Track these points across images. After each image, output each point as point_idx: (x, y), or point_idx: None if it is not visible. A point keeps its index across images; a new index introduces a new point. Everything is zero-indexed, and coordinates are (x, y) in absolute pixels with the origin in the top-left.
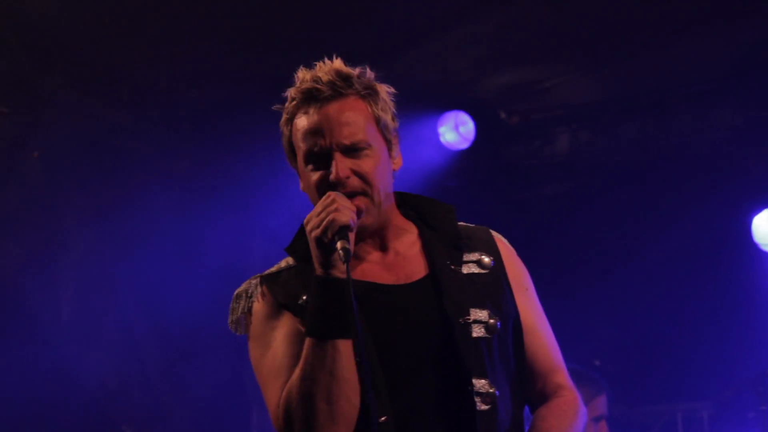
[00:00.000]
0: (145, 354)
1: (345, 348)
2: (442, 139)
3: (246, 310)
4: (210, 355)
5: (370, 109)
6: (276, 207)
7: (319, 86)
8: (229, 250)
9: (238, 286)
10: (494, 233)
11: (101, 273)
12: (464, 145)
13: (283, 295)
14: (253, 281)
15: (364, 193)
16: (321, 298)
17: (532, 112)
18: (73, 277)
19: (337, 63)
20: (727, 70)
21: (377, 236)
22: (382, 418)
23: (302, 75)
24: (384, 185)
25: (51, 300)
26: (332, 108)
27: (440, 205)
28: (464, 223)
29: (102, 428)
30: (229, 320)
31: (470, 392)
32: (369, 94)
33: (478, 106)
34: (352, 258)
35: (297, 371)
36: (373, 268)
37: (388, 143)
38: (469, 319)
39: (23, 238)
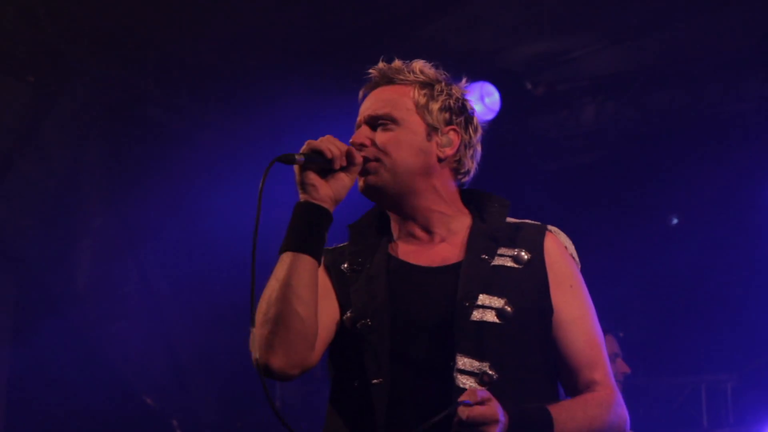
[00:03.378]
0: (170, 324)
1: (308, 266)
2: None
3: None
4: (233, 326)
5: (414, 94)
6: None
7: (373, 74)
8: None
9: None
10: (551, 231)
11: (122, 242)
12: (489, 116)
13: (329, 259)
14: None
15: (377, 159)
16: (294, 218)
17: (558, 83)
18: (90, 246)
19: (418, 63)
20: (756, 40)
21: (422, 220)
22: (377, 380)
23: None
24: (407, 162)
25: (67, 269)
26: (378, 90)
27: (496, 200)
28: (518, 220)
29: (123, 399)
30: None
31: (452, 369)
32: (421, 84)
33: (504, 76)
34: (399, 237)
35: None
36: (415, 250)
37: (431, 128)
38: (474, 303)
39: (42, 207)
